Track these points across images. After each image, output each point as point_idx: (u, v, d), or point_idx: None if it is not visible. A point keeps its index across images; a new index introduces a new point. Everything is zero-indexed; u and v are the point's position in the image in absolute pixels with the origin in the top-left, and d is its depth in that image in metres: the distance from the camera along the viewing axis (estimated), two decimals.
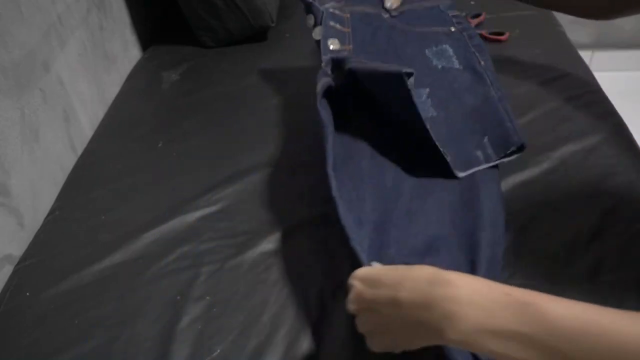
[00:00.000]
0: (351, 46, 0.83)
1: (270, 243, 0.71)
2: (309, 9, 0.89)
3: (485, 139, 0.73)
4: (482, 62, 0.86)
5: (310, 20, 0.88)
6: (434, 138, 0.69)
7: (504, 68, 1.03)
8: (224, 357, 0.59)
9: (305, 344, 0.59)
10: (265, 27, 1.20)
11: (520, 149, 0.73)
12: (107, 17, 1.13)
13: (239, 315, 0.63)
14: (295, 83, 1.03)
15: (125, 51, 1.21)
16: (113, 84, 1.12)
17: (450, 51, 0.88)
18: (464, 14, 1.21)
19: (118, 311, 0.65)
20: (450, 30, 0.93)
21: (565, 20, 1.18)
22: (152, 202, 0.80)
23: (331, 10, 0.89)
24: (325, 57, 0.78)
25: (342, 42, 0.82)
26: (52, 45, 0.90)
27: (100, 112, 1.05)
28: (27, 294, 0.69)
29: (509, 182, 0.75)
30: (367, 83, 0.75)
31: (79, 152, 0.95)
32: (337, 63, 0.75)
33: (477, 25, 1.16)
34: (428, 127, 0.69)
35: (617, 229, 0.67)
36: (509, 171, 0.76)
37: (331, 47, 0.81)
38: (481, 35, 1.13)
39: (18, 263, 0.75)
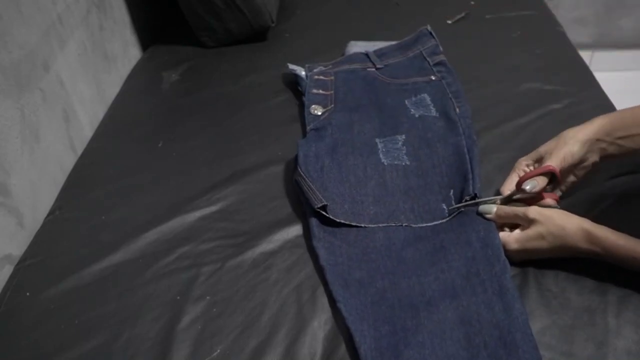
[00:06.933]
0: (332, 106, 0.92)
1: (270, 243, 0.71)
2: (297, 81, 1.01)
3: (451, 192, 0.75)
4: (458, 109, 0.89)
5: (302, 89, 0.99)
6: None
7: (505, 68, 1.03)
8: (224, 357, 0.59)
9: (305, 344, 0.59)
10: (265, 27, 1.20)
11: (473, 198, 0.71)
12: (107, 17, 1.13)
13: (239, 315, 0.63)
14: (295, 83, 1.03)
15: (125, 51, 1.21)
16: (113, 84, 1.12)
17: (428, 99, 0.92)
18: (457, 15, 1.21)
19: (118, 311, 0.65)
20: (431, 79, 0.98)
21: (565, 20, 1.18)
22: (152, 202, 0.80)
23: (315, 77, 0.99)
24: (308, 128, 0.88)
25: (324, 106, 0.92)
26: (52, 45, 0.90)
27: (100, 112, 1.05)
28: (27, 294, 0.69)
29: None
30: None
31: (79, 152, 0.95)
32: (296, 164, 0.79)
33: None
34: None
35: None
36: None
37: (314, 112, 0.91)
38: None
39: (18, 263, 0.75)
